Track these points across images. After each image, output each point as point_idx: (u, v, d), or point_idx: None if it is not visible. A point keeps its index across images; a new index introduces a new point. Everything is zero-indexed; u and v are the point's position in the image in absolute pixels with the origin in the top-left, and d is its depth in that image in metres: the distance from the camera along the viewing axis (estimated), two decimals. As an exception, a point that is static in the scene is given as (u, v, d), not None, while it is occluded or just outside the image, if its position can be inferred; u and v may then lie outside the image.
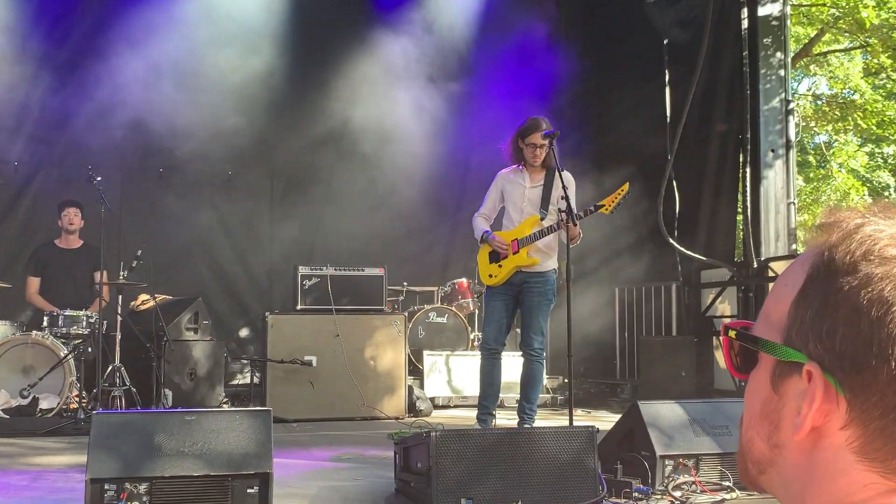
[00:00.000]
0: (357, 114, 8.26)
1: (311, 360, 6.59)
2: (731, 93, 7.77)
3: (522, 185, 5.17)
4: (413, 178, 8.63)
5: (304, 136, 8.43)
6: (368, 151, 8.40)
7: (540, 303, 5.10)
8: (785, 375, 0.74)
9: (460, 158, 9.18)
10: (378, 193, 8.65)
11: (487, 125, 8.85)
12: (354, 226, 8.67)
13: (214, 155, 8.26)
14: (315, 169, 8.63)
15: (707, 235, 7.95)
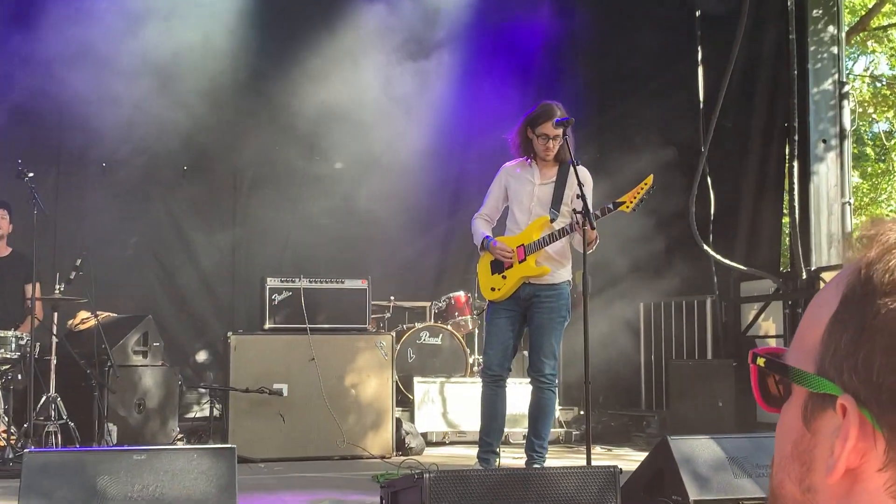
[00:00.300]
0: (334, 100, 8.27)
1: (281, 388, 6.58)
2: (774, 74, 7.81)
3: (531, 182, 5.19)
4: (401, 175, 8.64)
5: (273, 126, 8.44)
6: (348, 144, 8.42)
7: (551, 320, 5.11)
8: (818, 410, 0.75)
9: (456, 150, 9.20)
10: (360, 192, 8.65)
11: (488, 111, 8.87)
12: (332, 230, 8.67)
13: (167, 147, 8.25)
14: (286, 164, 8.63)
15: (747, 241, 7.98)
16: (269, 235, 8.65)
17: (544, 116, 5.05)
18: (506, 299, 5.16)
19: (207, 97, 8.18)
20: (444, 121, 8.81)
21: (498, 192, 5.30)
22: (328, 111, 8.34)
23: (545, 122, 5.04)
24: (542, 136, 5.05)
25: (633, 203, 4.97)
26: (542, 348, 5.08)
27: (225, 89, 8.28)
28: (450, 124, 8.94)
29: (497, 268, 5.19)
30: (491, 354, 5.16)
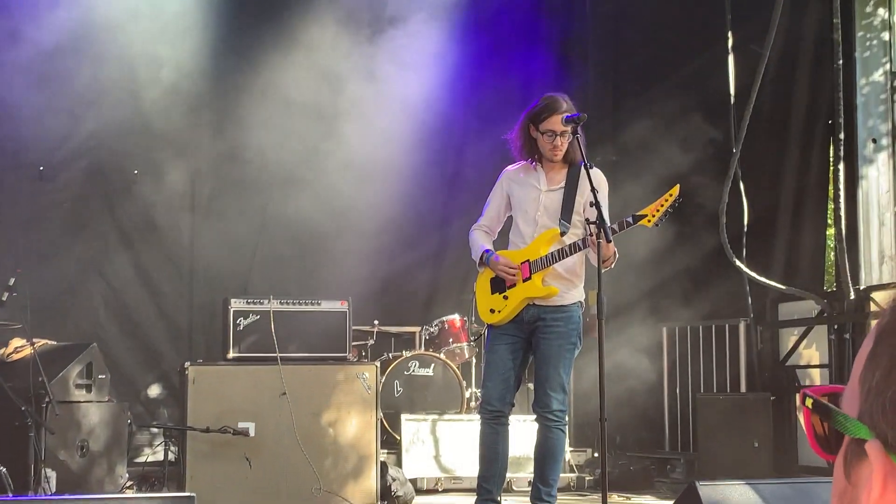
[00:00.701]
0: (305, 95, 8.29)
1: (247, 427, 6.56)
2: (816, 63, 7.83)
3: (536, 188, 5.19)
4: (385, 180, 8.64)
5: (238, 124, 8.44)
6: (323, 144, 8.43)
7: (560, 348, 5.10)
8: (856, 458, 0.77)
9: (450, 151, 9.21)
10: (338, 200, 8.64)
11: (487, 105, 8.89)
12: (306, 244, 8.66)
13: (115, 148, 8.25)
14: (252, 167, 8.63)
15: (786, 256, 7.99)
16: (233, 250, 8.62)
17: (549, 110, 5.05)
18: (507, 323, 5.15)
19: (161, 92, 8.18)
20: (434, 116, 8.82)
21: (499, 199, 5.30)
22: (299, 107, 8.35)
23: (550, 116, 5.04)
24: (548, 134, 5.05)
25: (657, 216, 4.97)
26: (549, 380, 5.07)
27: (181, 84, 8.29)
28: (442, 120, 8.95)
29: (498, 287, 5.19)
30: (490, 387, 5.15)
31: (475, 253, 5.27)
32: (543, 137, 5.07)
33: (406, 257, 9.10)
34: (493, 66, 9.08)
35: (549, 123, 5.05)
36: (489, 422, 5.15)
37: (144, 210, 8.51)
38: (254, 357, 6.83)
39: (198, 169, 8.68)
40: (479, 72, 9.06)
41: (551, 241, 5.11)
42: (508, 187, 5.27)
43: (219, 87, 8.56)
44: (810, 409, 0.83)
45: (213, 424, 6.50)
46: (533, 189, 5.19)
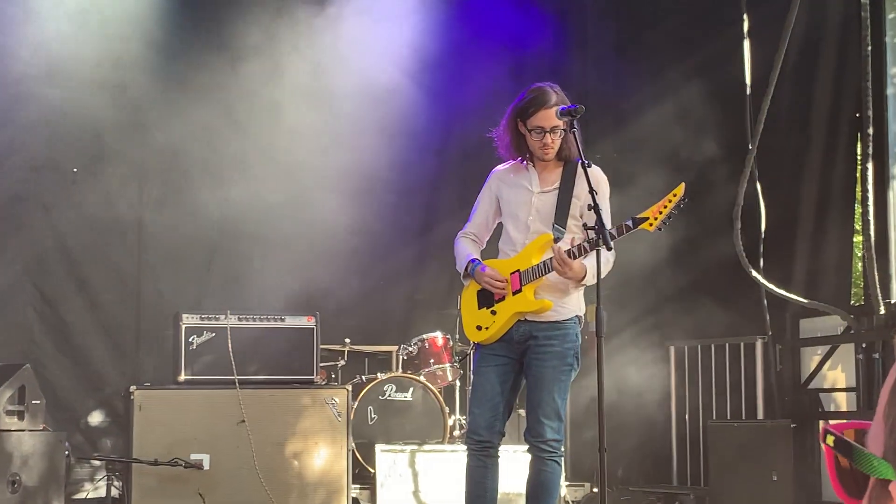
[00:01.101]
0: (266, 84, 8.27)
1: (200, 459, 6.54)
2: (842, 50, 7.85)
3: (528, 190, 5.18)
4: (358, 179, 8.62)
5: (189, 118, 8.42)
6: (285, 144, 8.41)
7: (555, 369, 5.08)
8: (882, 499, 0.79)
9: (431, 148, 9.20)
10: (304, 204, 8.63)
11: (472, 96, 8.87)
12: (268, 252, 8.63)
13: (50, 142, 8.21)
14: (208, 164, 8.60)
15: (809, 266, 8.00)
16: (185, 258, 8.59)
17: (537, 104, 5.04)
18: (496, 342, 5.14)
19: (103, 80, 8.15)
20: (413, 109, 8.81)
21: (487, 203, 5.28)
22: (256, 104, 8.34)
23: (538, 110, 5.03)
24: (537, 130, 5.04)
25: (659, 219, 4.96)
26: (542, 406, 5.05)
27: (126, 72, 8.26)
28: (422, 114, 8.94)
29: (485, 301, 5.18)
30: (477, 414, 5.13)
31: (460, 263, 5.25)
32: (532, 134, 5.06)
33: (381, 268, 9.08)
34: (480, 52, 9.08)
35: (538, 119, 5.04)
36: (476, 454, 5.13)
37: (84, 212, 8.46)
38: (208, 380, 6.82)
39: (146, 168, 8.64)
40: (463, 58, 9.05)
41: (544, 249, 5.09)
42: (498, 189, 5.26)
43: (170, 81, 8.52)
44: (832, 448, 0.82)
45: (163, 456, 6.48)
46: (524, 191, 5.18)
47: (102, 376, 8.43)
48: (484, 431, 5.11)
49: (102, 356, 8.47)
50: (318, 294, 8.42)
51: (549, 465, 5.06)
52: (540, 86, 5.13)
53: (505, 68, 9.10)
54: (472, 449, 5.15)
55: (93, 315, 8.48)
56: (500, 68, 9.06)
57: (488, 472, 5.15)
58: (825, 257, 7.96)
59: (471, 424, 5.17)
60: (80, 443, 8.14)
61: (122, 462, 6.70)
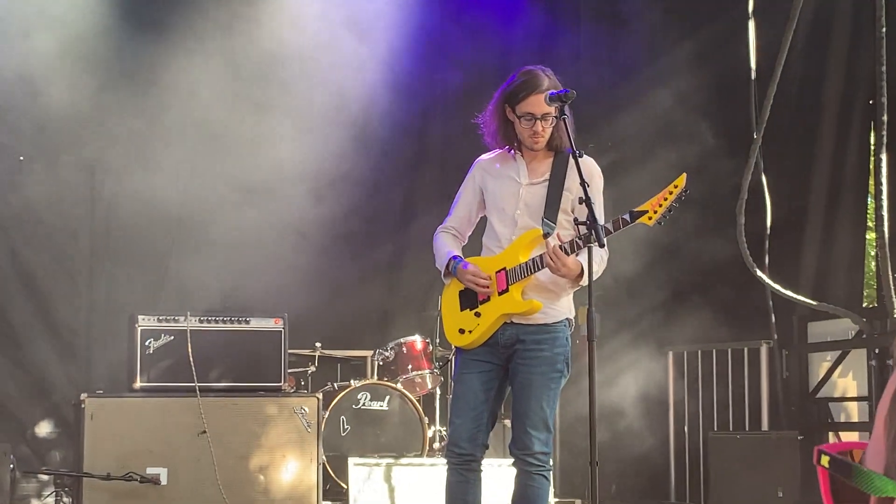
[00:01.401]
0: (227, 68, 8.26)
1: (157, 474, 6.54)
2: (855, 31, 7.89)
3: (515, 181, 5.18)
4: (329, 170, 8.63)
5: (148, 107, 8.42)
6: (250, 130, 8.41)
7: (543, 376, 5.09)
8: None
9: (408, 138, 9.21)
10: (271, 197, 8.63)
11: (454, 82, 8.89)
12: (232, 249, 8.63)
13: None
14: (164, 152, 8.60)
15: (818, 265, 8.03)
16: (142, 255, 8.59)
17: (527, 88, 5.04)
18: (480, 346, 5.14)
19: (54, 64, 8.14)
20: (388, 96, 8.81)
21: (470, 195, 5.28)
22: (218, 89, 8.33)
23: (529, 95, 5.04)
24: (527, 117, 5.05)
25: (659, 213, 4.96)
26: (528, 416, 5.05)
27: (80, 56, 8.24)
28: (398, 100, 8.95)
29: (468, 302, 5.17)
30: (459, 425, 5.12)
31: (440, 261, 5.25)
32: (521, 121, 5.07)
33: (355, 266, 9.08)
34: (463, 35, 9.09)
35: (528, 105, 5.04)
36: (457, 467, 5.13)
37: (31, 204, 8.45)
38: (166, 387, 6.80)
39: (99, 156, 8.64)
40: (444, 40, 9.07)
41: (532, 245, 5.10)
42: (482, 180, 5.25)
43: (124, 59, 8.52)
44: (828, 469, 0.84)
45: (116, 470, 6.47)
46: (511, 182, 5.18)
47: (51, 383, 8.42)
48: (466, 443, 5.11)
49: (51, 361, 8.47)
50: (287, 294, 8.41)
51: (536, 479, 5.06)
52: (531, 69, 5.13)
53: (490, 49, 9.12)
54: (452, 462, 5.14)
55: (40, 316, 8.47)
56: (485, 49, 9.08)
57: (470, 487, 5.14)
58: (835, 256, 8.00)
59: (451, 436, 5.16)
60: (27, 455, 8.14)
61: (71, 476, 6.68)
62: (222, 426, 6.73)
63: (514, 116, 5.09)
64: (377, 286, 9.19)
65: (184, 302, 7.90)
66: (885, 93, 7.31)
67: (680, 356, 8.59)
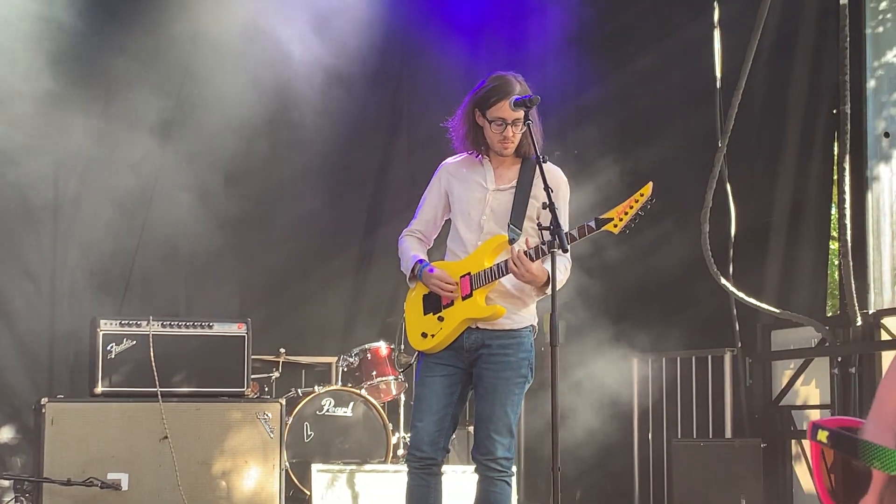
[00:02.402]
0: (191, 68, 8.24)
1: (118, 479, 6.51)
2: (819, 41, 7.93)
3: (482, 187, 5.18)
4: (290, 172, 8.60)
5: (112, 106, 8.38)
6: (214, 132, 8.37)
7: (507, 381, 5.08)
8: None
9: (377, 137, 9.21)
10: (234, 200, 8.60)
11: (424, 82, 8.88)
12: (195, 254, 8.59)
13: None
14: (129, 159, 8.55)
15: (781, 273, 8.07)
16: (103, 257, 8.53)
17: (498, 93, 5.06)
18: (443, 350, 5.13)
19: (18, 63, 8.08)
20: (354, 98, 8.80)
21: (436, 199, 5.29)
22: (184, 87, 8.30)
23: (501, 100, 5.05)
24: (497, 122, 5.05)
25: (625, 221, 4.99)
26: (492, 420, 5.05)
27: (43, 52, 8.19)
28: (364, 102, 8.93)
29: (432, 306, 5.17)
30: (420, 428, 5.11)
31: (405, 264, 5.25)
32: (492, 126, 5.07)
33: (320, 271, 9.06)
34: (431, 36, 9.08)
35: (499, 110, 5.05)
36: (418, 471, 5.12)
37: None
38: (128, 392, 6.77)
39: (62, 160, 8.58)
40: (413, 43, 9.06)
41: (497, 251, 5.10)
42: (448, 184, 5.25)
43: (94, 64, 8.47)
44: (826, 444, 0.81)
45: (77, 475, 6.44)
46: (478, 188, 5.18)
47: (12, 388, 8.35)
48: (427, 447, 5.09)
49: (13, 365, 8.40)
50: (250, 299, 8.38)
51: (498, 485, 5.05)
52: (502, 74, 5.13)
53: (459, 54, 9.12)
54: (413, 466, 5.13)
55: (1, 320, 8.41)
56: (453, 54, 9.08)
57: (430, 491, 5.13)
58: (799, 264, 8.03)
59: (413, 440, 5.15)
60: (-13, 460, 8.09)
61: (31, 481, 6.63)
62: (184, 431, 6.70)
63: (483, 121, 5.09)
64: (342, 292, 9.17)
65: (146, 307, 7.85)
66: (849, 102, 7.35)
67: (644, 363, 8.60)
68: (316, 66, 8.55)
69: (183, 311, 7.83)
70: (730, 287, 7.76)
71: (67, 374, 8.27)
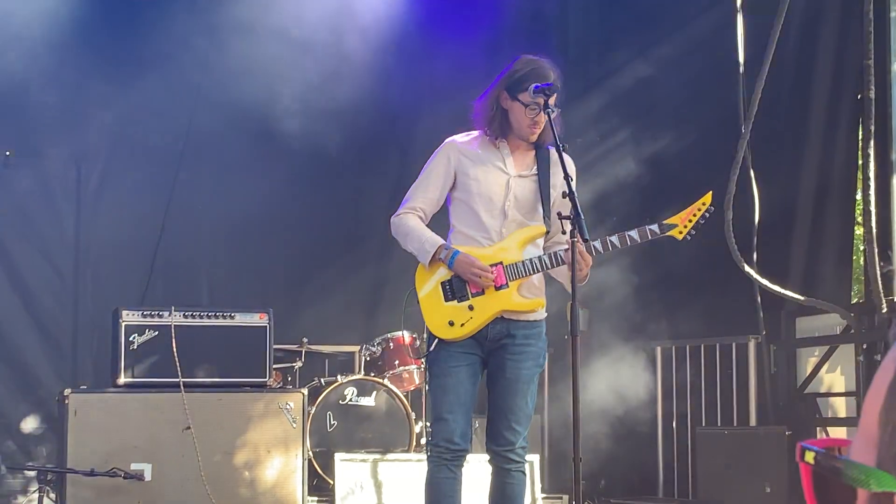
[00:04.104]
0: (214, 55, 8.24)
1: (141, 469, 6.53)
2: (843, 25, 7.86)
3: (503, 171, 5.11)
4: (313, 157, 8.60)
5: (135, 97, 8.39)
6: (235, 121, 8.37)
7: (529, 371, 5.08)
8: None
9: (398, 126, 9.19)
10: (256, 189, 8.61)
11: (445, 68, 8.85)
12: (217, 243, 8.61)
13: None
14: (150, 148, 8.57)
15: (806, 260, 8.01)
16: (126, 250, 8.57)
17: (536, 77, 5.01)
18: (468, 338, 5.07)
19: (40, 54, 8.11)
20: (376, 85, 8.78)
21: (443, 177, 5.16)
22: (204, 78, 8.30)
23: (536, 82, 5.00)
24: (532, 106, 4.99)
25: (689, 228, 5.18)
26: (514, 411, 5.02)
27: (65, 44, 8.21)
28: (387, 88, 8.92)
29: (457, 292, 5.07)
30: (451, 420, 5.01)
31: (419, 244, 5.09)
32: (526, 110, 5.00)
33: (342, 259, 9.06)
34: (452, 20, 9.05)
35: (531, 93, 5.01)
36: (449, 463, 5.02)
37: (17, 199, 8.45)
38: (151, 382, 6.80)
39: (84, 150, 8.63)
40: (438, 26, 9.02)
41: (528, 242, 5.07)
42: (458, 163, 5.13)
43: (114, 54, 8.50)
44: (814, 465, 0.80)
45: (100, 466, 6.46)
46: (498, 172, 5.12)
47: (37, 379, 8.42)
48: (459, 439, 5.04)
49: (37, 357, 8.47)
50: (273, 288, 8.38)
51: (516, 476, 5.03)
52: (535, 57, 5.11)
53: (478, 41, 9.08)
54: (445, 458, 5.03)
55: (26, 312, 8.47)
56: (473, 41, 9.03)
57: (458, 484, 5.10)
58: (824, 251, 7.98)
59: (443, 432, 5.02)
60: (13, 451, 8.16)
61: (55, 472, 6.66)
62: (207, 422, 6.73)
63: (512, 104, 5.02)
64: (364, 281, 9.17)
65: (169, 297, 7.86)
66: (873, 87, 7.30)
67: (668, 352, 8.58)
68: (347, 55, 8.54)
69: (205, 302, 7.83)
70: (753, 274, 7.73)
71: (91, 364, 8.34)
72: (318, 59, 8.46)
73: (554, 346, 8.61)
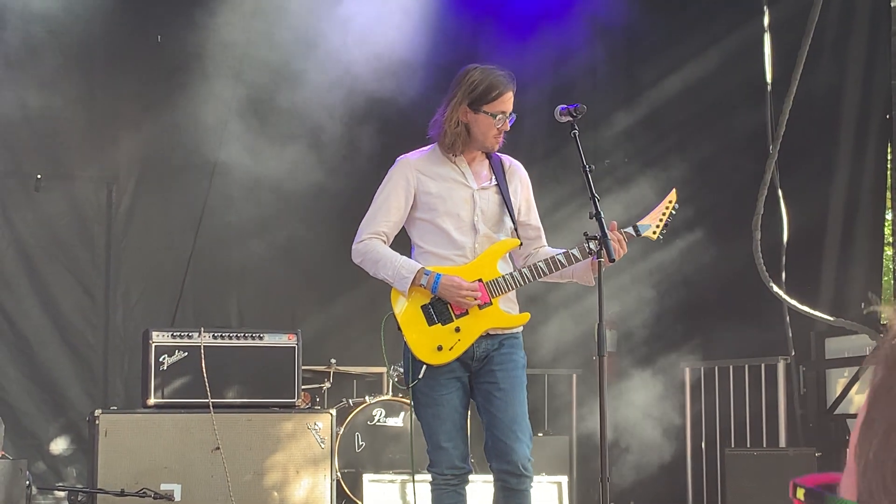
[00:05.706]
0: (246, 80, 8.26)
1: (171, 490, 6.53)
2: (871, 45, 7.84)
3: (465, 185, 4.99)
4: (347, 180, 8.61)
5: (165, 119, 8.43)
6: (268, 145, 8.39)
7: (520, 381, 4.99)
8: None
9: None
10: (286, 213, 8.62)
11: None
12: (246, 265, 8.62)
13: (12, 145, 8.24)
14: (183, 168, 8.61)
15: (835, 280, 7.98)
16: (157, 270, 8.61)
17: (500, 85, 4.92)
18: (455, 360, 4.98)
19: (69, 77, 8.17)
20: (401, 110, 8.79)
21: (402, 198, 5.04)
22: (237, 98, 8.32)
23: (504, 92, 4.89)
24: (500, 115, 4.92)
25: (660, 227, 5.05)
26: (515, 422, 4.88)
27: (94, 66, 8.27)
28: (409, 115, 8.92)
29: (440, 316, 5.00)
30: (450, 448, 4.95)
31: (394, 271, 5.01)
32: (493, 120, 4.92)
33: (370, 281, 9.00)
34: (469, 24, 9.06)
35: (503, 102, 4.92)
36: (455, 486, 4.97)
37: (48, 222, 8.48)
38: (180, 403, 6.80)
39: (115, 173, 8.66)
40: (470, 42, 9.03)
41: (499, 256, 5.01)
42: (418, 182, 5.01)
43: (143, 76, 8.54)
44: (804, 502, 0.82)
45: (130, 486, 6.46)
46: (460, 187, 4.99)
47: (68, 399, 8.44)
48: (462, 463, 4.99)
49: (68, 378, 8.49)
50: (301, 310, 8.39)
51: (523, 496, 4.87)
52: (485, 67, 4.99)
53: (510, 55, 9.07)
54: (451, 483, 4.95)
55: (57, 333, 8.50)
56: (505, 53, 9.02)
57: (464, 501, 5.06)
58: (853, 271, 7.95)
59: (443, 461, 4.97)
60: (43, 471, 8.17)
61: (86, 492, 6.67)
62: (236, 442, 6.72)
63: (475, 117, 4.92)
64: (392, 302, 9.15)
65: (199, 318, 7.89)
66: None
67: (697, 372, 8.56)
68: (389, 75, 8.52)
69: (234, 323, 7.85)
70: (782, 294, 7.71)
71: (121, 385, 8.36)
72: (357, 77, 8.44)
73: (582, 367, 8.63)
